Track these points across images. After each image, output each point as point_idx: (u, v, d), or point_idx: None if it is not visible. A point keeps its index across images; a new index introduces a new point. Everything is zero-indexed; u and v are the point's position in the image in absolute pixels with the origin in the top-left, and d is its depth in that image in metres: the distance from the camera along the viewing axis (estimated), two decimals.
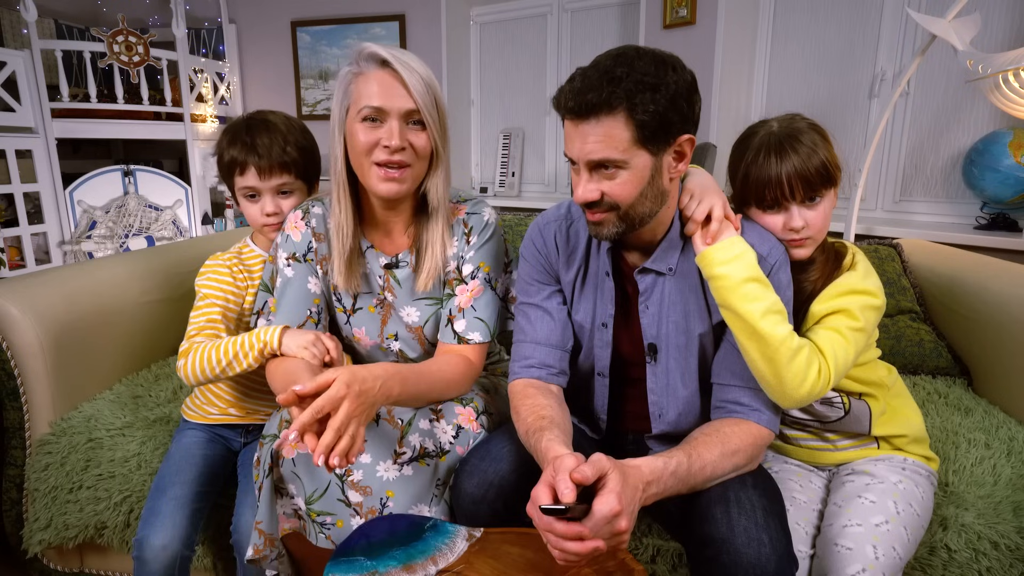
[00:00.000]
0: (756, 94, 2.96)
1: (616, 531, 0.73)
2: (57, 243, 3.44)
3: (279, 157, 1.16)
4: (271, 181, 1.17)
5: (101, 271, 1.51)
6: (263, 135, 1.16)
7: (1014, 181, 2.05)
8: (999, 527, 0.98)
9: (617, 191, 0.88)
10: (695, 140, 0.91)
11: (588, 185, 0.89)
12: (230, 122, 1.23)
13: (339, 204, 1.08)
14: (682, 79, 0.86)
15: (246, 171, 1.17)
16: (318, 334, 1.08)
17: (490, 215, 1.16)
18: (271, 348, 1.07)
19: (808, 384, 0.89)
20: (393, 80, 0.99)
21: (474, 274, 1.12)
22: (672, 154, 0.89)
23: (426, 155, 1.05)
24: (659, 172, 0.89)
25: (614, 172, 0.87)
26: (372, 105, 0.99)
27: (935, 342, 1.59)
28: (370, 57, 1.01)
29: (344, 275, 1.11)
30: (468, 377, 1.11)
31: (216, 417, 1.24)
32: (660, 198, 0.91)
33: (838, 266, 1.00)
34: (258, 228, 1.23)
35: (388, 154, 1.00)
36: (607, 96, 0.83)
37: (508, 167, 3.86)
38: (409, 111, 1.00)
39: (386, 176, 1.02)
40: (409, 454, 1.01)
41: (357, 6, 4.00)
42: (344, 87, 1.03)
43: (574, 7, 3.59)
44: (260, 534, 0.99)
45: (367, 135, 1.00)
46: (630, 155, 0.85)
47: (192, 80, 3.85)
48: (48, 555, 1.32)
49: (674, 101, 0.84)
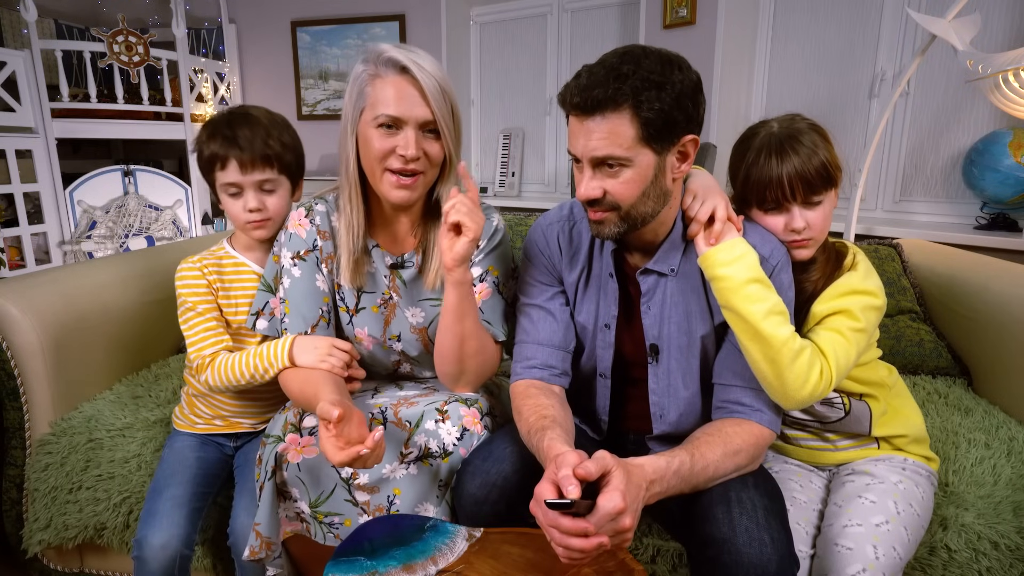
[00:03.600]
0: (756, 94, 2.96)
1: (620, 529, 0.73)
2: (57, 243, 3.44)
3: (261, 150, 1.14)
4: (253, 175, 1.14)
5: (101, 271, 1.51)
6: (244, 128, 1.14)
7: (1014, 181, 2.05)
8: (999, 527, 0.98)
9: (620, 190, 0.88)
10: (699, 141, 0.91)
11: (591, 183, 0.89)
12: (210, 117, 1.21)
13: (349, 204, 1.08)
14: (688, 79, 0.86)
15: (227, 165, 1.14)
16: (330, 341, 1.08)
17: (499, 221, 1.16)
18: (283, 364, 1.07)
19: (810, 385, 0.89)
20: (411, 88, 0.99)
21: (482, 277, 1.12)
22: (676, 154, 0.89)
23: (439, 162, 1.05)
24: (662, 172, 0.89)
25: (617, 170, 0.87)
26: (389, 114, 0.98)
27: (935, 342, 1.59)
28: (389, 62, 0.99)
29: (351, 274, 1.10)
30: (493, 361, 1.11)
31: (203, 427, 1.24)
32: (662, 198, 0.91)
33: (839, 266, 1.00)
34: (240, 226, 1.19)
35: (403, 163, 1.00)
36: (613, 92, 0.83)
37: (508, 167, 3.86)
38: (426, 120, 1.00)
39: (399, 183, 1.02)
40: (415, 453, 1.01)
41: (357, 6, 4.00)
42: (359, 88, 1.01)
43: (574, 7, 3.58)
44: (257, 536, 0.99)
45: (382, 142, 1.00)
46: (634, 153, 0.86)
47: (192, 80, 3.85)
48: (48, 555, 1.32)
49: (679, 100, 0.84)
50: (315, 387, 0.99)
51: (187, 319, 1.17)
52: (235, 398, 1.23)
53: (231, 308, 1.21)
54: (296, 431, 1.03)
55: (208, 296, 1.18)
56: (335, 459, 0.85)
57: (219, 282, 1.20)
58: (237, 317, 1.20)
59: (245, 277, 1.22)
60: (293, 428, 1.03)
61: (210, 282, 1.19)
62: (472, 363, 1.06)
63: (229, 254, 1.24)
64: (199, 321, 1.17)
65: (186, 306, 1.17)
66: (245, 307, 1.20)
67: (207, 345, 1.15)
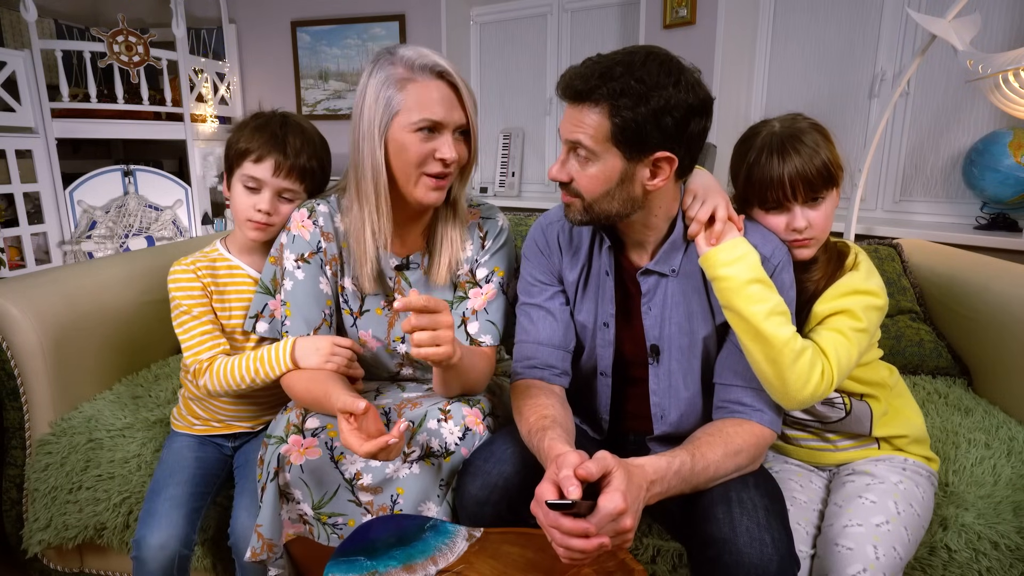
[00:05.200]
0: (756, 94, 2.96)
1: (621, 529, 0.73)
2: (57, 243, 3.43)
3: (302, 163, 1.14)
4: (282, 182, 1.14)
5: (101, 271, 1.51)
6: (297, 136, 1.14)
7: (1014, 181, 2.04)
8: (999, 527, 0.98)
9: (584, 182, 0.90)
10: (676, 161, 0.88)
11: (562, 165, 0.93)
12: (257, 112, 1.19)
13: (376, 211, 1.05)
14: (682, 98, 0.84)
15: (263, 161, 1.13)
16: (331, 339, 1.08)
17: (503, 221, 1.17)
18: (285, 367, 1.07)
19: (811, 386, 0.89)
20: (451, 93, 1.00)
21: (488, 278, 1.13)
22: (649, 166, 0.88)
23: (464, 163, 1.07)
24: (630, 179, 0.89)
25: (585, 161, 0.89)
26: (433, 119, 0.99)
27: (935, 342, 1.59)
28: (425, 68, 0.99)
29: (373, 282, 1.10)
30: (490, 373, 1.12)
31: (200, 429, 1.24)
32: (631, 203, 0.92)
33: (840, 266, 1.00)
34: (241, 222, 1.17)
35: (444, 167, 1.01)
36: (592, 88, 0.85)
37: (508, 167, 3.86)
38: (461, 124, 1.02)
39: (436, 186, 1.03)
40: (418, 452, 1.01)
41: (357, 6, 4.00)
42: (390, 92, 0.99)
43: (574, 7, 3.58)
44: (259, 537, 0.99)
45: (421, 147, 1.00)
46: (602, 148, 0.87)
47: (192, 80, 3.85)
48: (48, 555, 1.32)
49: (658, 116, 0.83)
50: (324, 386, 0.99)
51: (182, 323, 1.16)
52: (230, 402, 1.22)
53: (225, 312, 1.19)
54: (299, 432, 1.02)
55: (203, 299, 1.17)
56: (361, 450, 0.86)
57: (213, 285, 1.19)
58: (231, 321, 1.19)
59: (239, 281, 1.21)
60: (296, 429, 1.03)
61: (204, 284, 1.17)
62: (472, 389, 1.10)
63: (223, 256, 1.22)
64: (195, 325, 1.15)
65: (181, 309, 1.16)
66: (239, 311, 1.19)
67: (204, 349, 1.14)
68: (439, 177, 1.02)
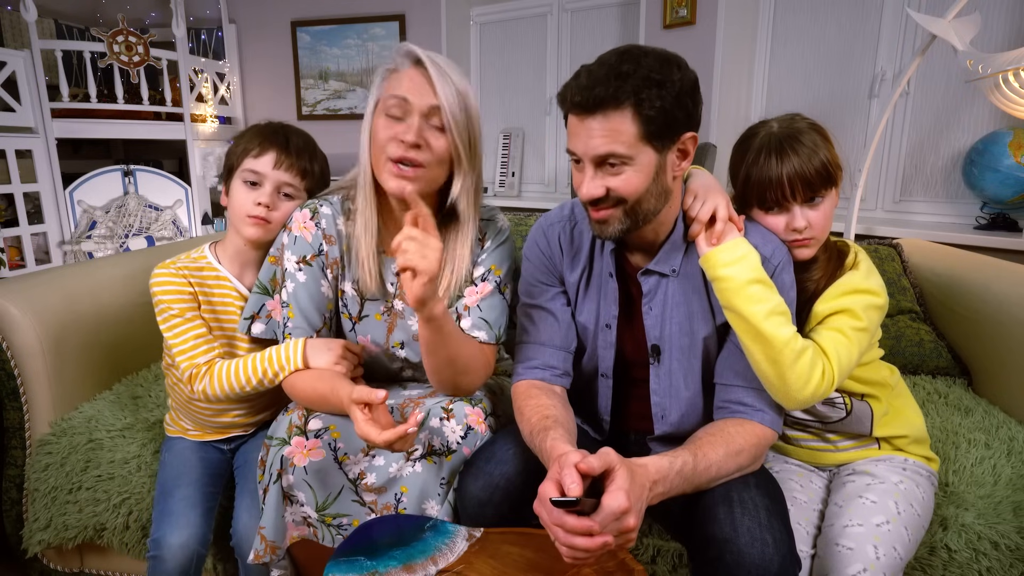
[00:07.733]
0: (756, 94, 2.96)
1: (624, 528, 0.72)
2: (57, 243, 3.44)
3: (302, 161, 1.16)
4: (282, 175, 1.13)
5: (101, 271, 1.51)
6: (298, 138, 1.17)
7: (1014, 181, 2.05)
8: (999, 527, 0.98)
9: (623, 188, 0.88)
10: (698, 138, 0.91)
11: (593, 181, 0.89)
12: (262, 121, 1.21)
13: (366, 202, 1.07)
14: (686, 77, 0.86)
15: (263, 155, 1.13)
16: (342, 344, 1.08)
17: (504, 222, 1.16)
18: (295, 367, 1.06)
19: (812, 386, 0.89)
20: (423, 79, 0.99)
21: (484, 276, 1.12)
22: (676, 152, 0.89)
23: (444, 159, 1.02)
24: (663, 169, 0.89)
25: (619, 168, 0.87)
26: (397, 94, 0.98)
27: (935, 342, 1.59)
28: (407, 54, 1.00)
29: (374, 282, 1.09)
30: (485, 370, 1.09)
31: (194, 434, 1.24)
32: (664, 196, 0.91)
33: (840, 265, 1.00)
34: (240, 219, 1.14)
35: (403, 149, 0.98)
36: (614, 91, 0.83)
37: (508, 167, 3.86)
38: (432, 108, 0.98)
39: (397, 172, 0.99)
40: (420, 450, 1.01)
41: (357, 6, 4.00)
42: (377, 83, 1.03)
43: (574, 7, 3.58)
44: (262, 539, 0.99)
45: (387, 130, 0.99)
46: (636, 151, 0.86)
47: (192, 80, 3.85)
48: (48, 555, 1.31)
49: (679, 98, 0.85)
50: (330, 383, 1.00)
51: (173, 326, 1.12)
52: (215, 412, 1.20)
53: (215, 323, 1.17)
54: (302, 434, 1.01)
55: (192, 303, 1.14)
56: (379, 439, 0.87)
57: (202, 294, 1.16)
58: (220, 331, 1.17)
59: (226, 294, 1.18)
60: (299, 431, 1.02)
61: (194, 289, 1.15)
62: (463, 380, 1.06)
63: (211, 265, 1.18)
64: (188, 328, 1.12)
65: (171, 312, 1.12)
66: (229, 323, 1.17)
67: (200, 353, 1.12)
68: (402, 163, 0.99)
